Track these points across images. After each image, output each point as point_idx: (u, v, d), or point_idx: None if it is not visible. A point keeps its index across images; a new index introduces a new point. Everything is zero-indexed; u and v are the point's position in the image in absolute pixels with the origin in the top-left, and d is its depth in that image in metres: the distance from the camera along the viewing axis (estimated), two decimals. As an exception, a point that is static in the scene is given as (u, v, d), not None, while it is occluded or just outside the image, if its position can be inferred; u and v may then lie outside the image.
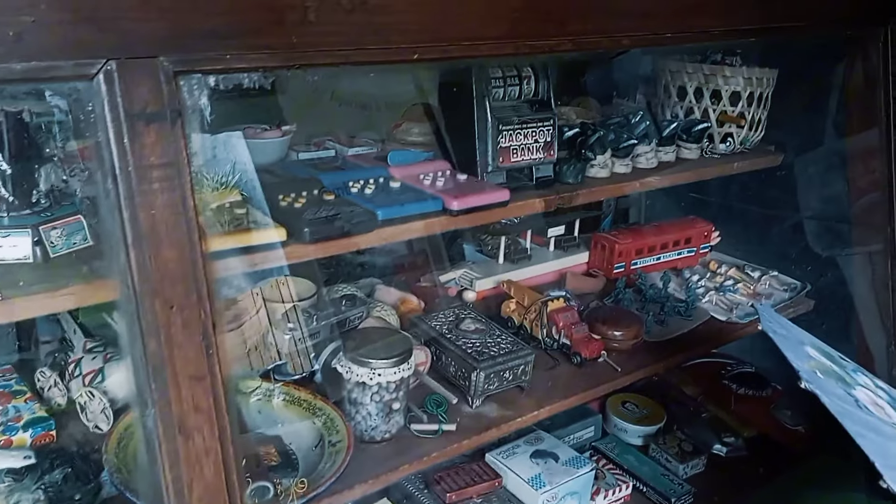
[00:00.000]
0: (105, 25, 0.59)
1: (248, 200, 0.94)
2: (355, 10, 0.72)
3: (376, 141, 1.28)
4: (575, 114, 1.48)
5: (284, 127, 1.17)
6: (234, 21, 0.65)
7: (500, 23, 0.83)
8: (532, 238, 1.53)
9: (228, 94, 0.69)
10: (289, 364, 1.09)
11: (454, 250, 1.56)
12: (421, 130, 1.26)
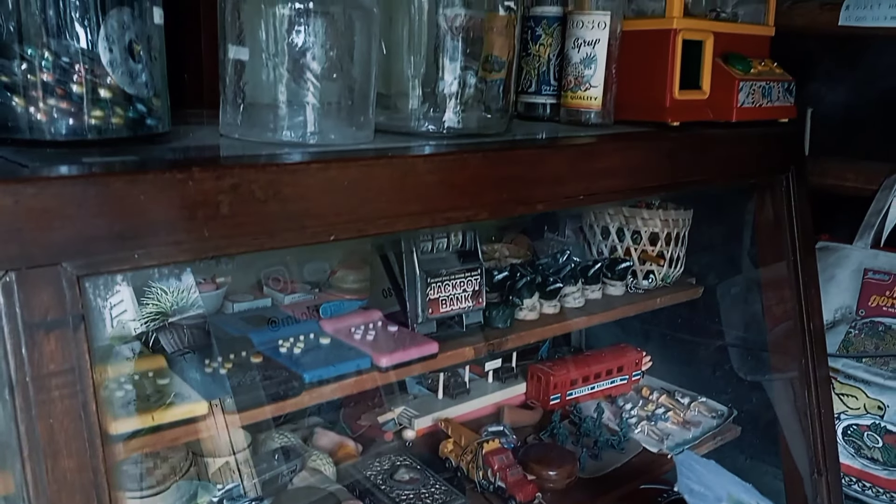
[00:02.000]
0: (3, 237, 0.56)
1: (172, 365, 0.90)
2: (269, 199, 0.71)
3: (314, 287, 1.26)
4: (508, 250, 1.49)
5: (219, 279, 1.14)
6: (141, 223, 0.63)
7: (415, 200, 0.82)
8: (471, 369, 1.50)
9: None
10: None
11: (397, 384, 1.52)
12: (356, 278, 1.25)
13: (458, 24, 1.05)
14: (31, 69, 0.72)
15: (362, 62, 0.92)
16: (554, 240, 1.57)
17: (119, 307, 0.83)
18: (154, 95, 0.78)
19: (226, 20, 0.90)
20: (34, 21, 0.72)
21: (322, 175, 0.75)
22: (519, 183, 0.93)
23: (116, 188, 0.62)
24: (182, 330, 0.98)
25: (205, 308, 1.11)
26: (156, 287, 0.89)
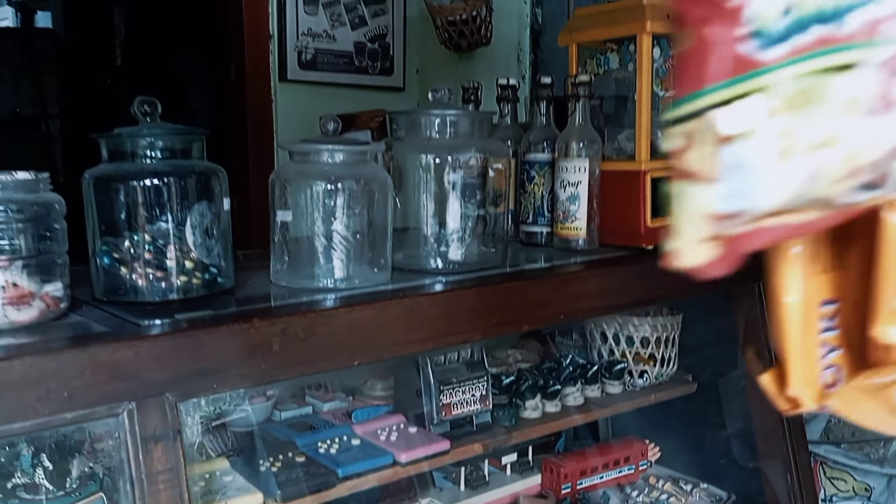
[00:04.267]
0: (128, 378, 0.85)
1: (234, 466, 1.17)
2: (308, 337, 0.99)
3: (348, 394, 1.52)
4: (519, 354, 1.74)
5: (269, 392, 1.42)
6: (217, 361, 0.91)
7: (421, 329, 1.09)
8: (490, 462, 1.73)
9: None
10: None
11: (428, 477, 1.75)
12: (383, 386, 1.51)
13: (463, 172, 1.34)
14: (135, 248, 1.03)
15: (380, 220, 1.21)
16: (563, 343, 1.81)
17: (195, 422, 1.11)
18: (223, 261, 1.08)
19: (275, 192, 1.21)
20: (138, 212, 1.03)
21: (348, 316, 1.03)
22: (507, 309, 1.20)
23: (200, 337, 0.91)
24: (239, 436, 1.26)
25: (257, 417, 1.38)
26: (222, 405, 1.17)
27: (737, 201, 0.42)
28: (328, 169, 1.17)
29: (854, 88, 0.43)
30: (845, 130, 0.44)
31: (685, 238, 0.44)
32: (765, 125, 0.41)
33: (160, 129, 1.03)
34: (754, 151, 0.40)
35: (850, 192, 0.45)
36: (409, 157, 1.34)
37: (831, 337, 0.63)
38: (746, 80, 0.40)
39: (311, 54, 2.62)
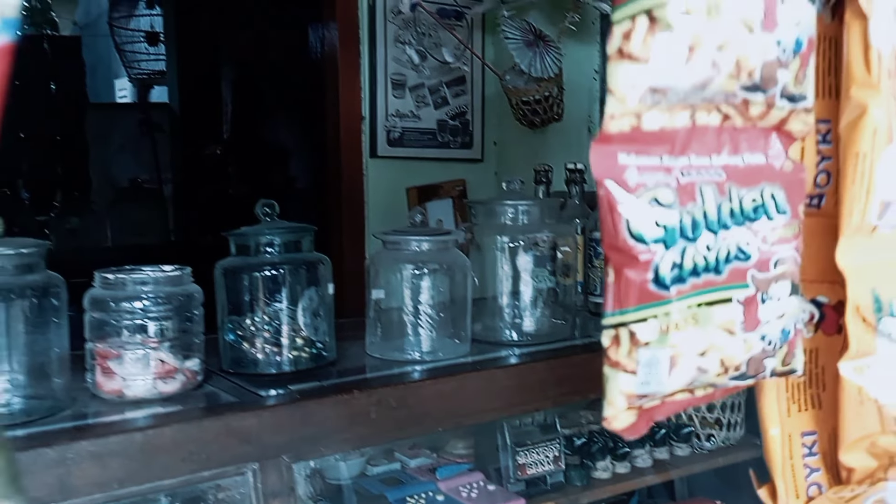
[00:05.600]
0: (252, 442, 1.00)
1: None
2: (399, 407, 1.12)
3: (433, 451, 1.65)
4: (591, 416, 1.83)
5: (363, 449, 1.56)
6: (323, 427, 1.06)
7: (496, 400, 1.21)
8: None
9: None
10: None
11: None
12: (465, 445, 1.62)
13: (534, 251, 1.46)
14: (256, 326, 1.19)
15: (461, 298, 1.35)
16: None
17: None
18: (327, 337, 1.23)
19: (370, 273, 1.37)
20: (259, 297, 1.20)
21: (433, 388, 1.16)
22: (576, 380, 1.30)
23: (310, 407, 1.06)
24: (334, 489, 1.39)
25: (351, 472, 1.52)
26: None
27: (648, 386, 0.58)
28: (416, 255, 1.32)
29: (728, 315, 0.64)
30: (722, 343, 0.64)
31: (614, 407, 0.60)
32: (666, 336, 0.59)
33: (278, 227, 1.20)
34: (659, 354, 0.56)
35: (726, 381, 0.66)
36: (486, 238, 1.48)
37: (813, 461, 0.77)
38: (653, 307, 0.59)
39: (398, 133, 2.82)
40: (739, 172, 0.65)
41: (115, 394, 1.03)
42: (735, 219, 0.65)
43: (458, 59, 2.73)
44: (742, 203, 0.65)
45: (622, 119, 0.58)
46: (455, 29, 2.78)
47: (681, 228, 0.61)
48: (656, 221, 0.60)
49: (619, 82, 0.57)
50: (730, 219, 0.64)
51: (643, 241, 0.59)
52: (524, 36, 2.49)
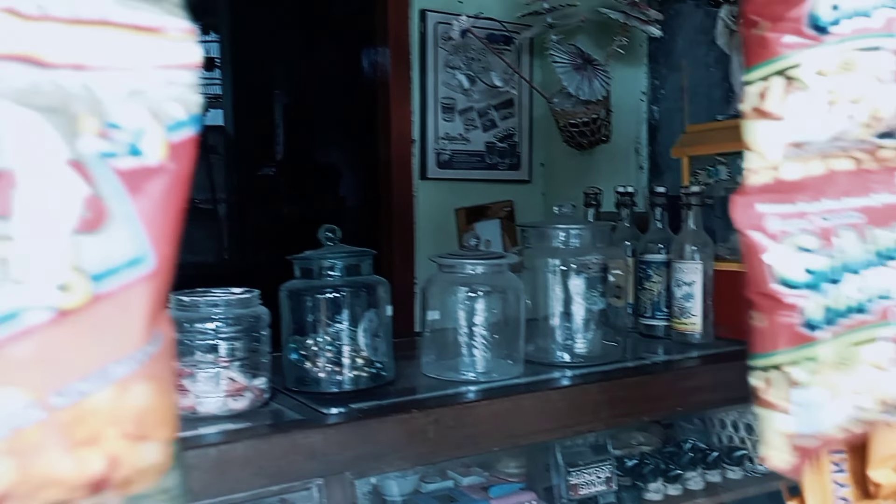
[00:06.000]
0: (318, 458, 1.04)
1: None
2: (456, 426, 1.15)
3: (484, 470, 1.67)
4: (642, 437, 1.83)
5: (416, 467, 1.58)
6: (383, 445, 1.09)
7: (551, 420, 1.23)
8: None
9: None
10: None
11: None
12: (517, 464, 1.64)
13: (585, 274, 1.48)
14: (318, 346, 1.24)
15: (514, 320, 1.37)
16: (683, 427, 1.88)
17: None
18: (385, 357, 1.27)
19: (426, 294, 1.40)
20: (321, 318, 1.24)
21: (488, 408, 1.19)
22: (628, 402, 1.31)
23: (371, 425, 1.09)
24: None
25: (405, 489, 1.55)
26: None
27: (805, 426, 0.61)
28: (470, 278, 1.36)
29: (878, 352, 0.66)
30: (874, 382, 0.65)
31: (770, 447, 0.63)
32: (817, 377, 0.62)
33: (340, 252, 1.24)
34: (814, 394, 0.59)
35: (885, 416, 0.68)
36: (538, 261, 1.50)
37: (841, 477, 0.79)
38: (804, 349, 0.62)
39: (448, 155, 2.87)
40: (876, 213, 0.68)
41: (188, 410, 1.08)
42: (876, 258, 0.67)
43: (507, 83, 2.77)
44: (882, 242, 0.68)
45: (763, 173, 0.62)
46: (503, 53, 2.82)
47: (825, 271, 0.64)
48: (801, 266, 0.63)
49: (758, 139, 0.61)
50: (871, 259, 0.67)
51: (790, 285, 0.62)
52: (572, 60, 2.52)
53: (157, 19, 0.33)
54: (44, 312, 0.31)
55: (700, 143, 1.62)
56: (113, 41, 0.32)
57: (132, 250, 0.33)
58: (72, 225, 0.31)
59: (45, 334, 0.31)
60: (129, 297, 0.33)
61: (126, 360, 0.33)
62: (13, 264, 0.30)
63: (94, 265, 0.32)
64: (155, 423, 0.35)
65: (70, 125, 0.31)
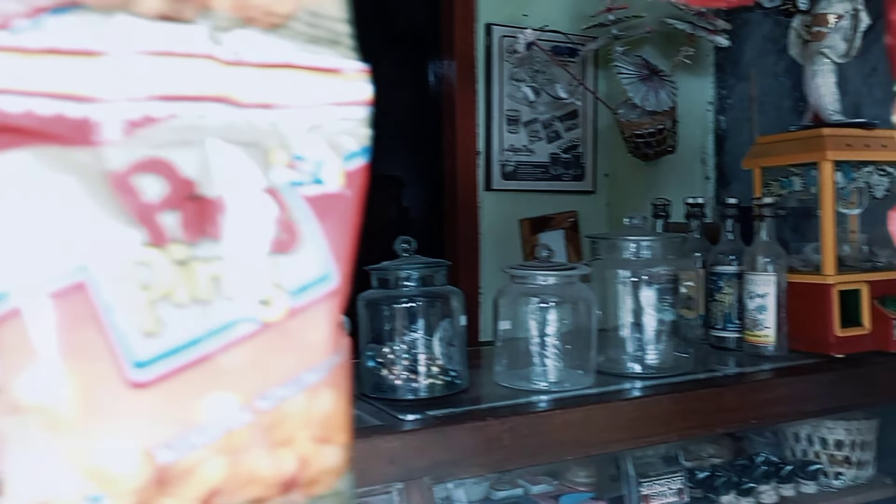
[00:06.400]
0: (397, 463, 1.06)
1: (464, 538, 1.35)
2: (530, 435, 1.17)
3: (553, 479, 1.67)
4: (713, 449, 1.80)
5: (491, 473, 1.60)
6: (458, 452, 1.11)
7: (623, 430, 1.23)
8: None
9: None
10: None
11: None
12: (586, 474, 1.64)
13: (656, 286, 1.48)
14: (394, 354, 1.27)
15: (585, 330, 1.38)
16: (755, 440, 1.85)
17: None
18: (459, 366, 1.29)
19: (497, 304, 1.42)
20: (397, 327, 1.27)
21: (562, 417, 1.20)
22: (701, 414, 1.31)
23: (448, 432, 1.11)
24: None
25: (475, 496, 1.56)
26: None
27: None
28: (542, 289, 1.37)
29: None
30: None
31: None
32: None
33: (415, 263, 1.27)
34: None
35: None
36: (608, 272, 1.51)
37: None
38: None
39: (512, 167, 2.89)
40: None
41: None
42: None
43: (572, 95, 2.77)
44: None
45: None
46: (568, 65, 2.83)
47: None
48: None
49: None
50: None
51: None
52: (638, 71, 2.51)
53: (335, 62, 0.36)
54: (250, 325, 0.34)
55: (772, 153, 1.60)
56: (296, 82, 0.35)
57: (320, 269, 0.36)
58: (271, 246, 0.34)
59: (252, 344, 0.34)
60: (317, 312, 0.36)
61: (316, 369, 0.36)
62: (224, 282, 0.33)
63: (290, 282, 0.35)
64: (337, 427, 0.38)
65: (264, 157, 0.34)
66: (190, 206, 0.32)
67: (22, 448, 0.30)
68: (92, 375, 0.30)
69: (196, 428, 0.33)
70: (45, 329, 0.30)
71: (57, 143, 0.30)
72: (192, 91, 0.33)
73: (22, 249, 0.30)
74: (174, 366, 0.32)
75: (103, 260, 0.30)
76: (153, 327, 0.31)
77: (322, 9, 0.36)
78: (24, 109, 0.30)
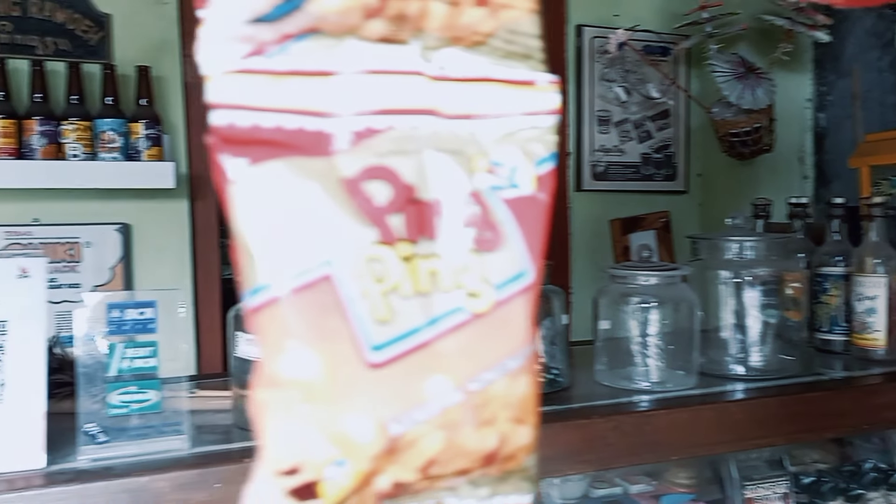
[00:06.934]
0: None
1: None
2: (635, 434, 1.17)
3: (653, 479, 1.66)
4: (817, 454, 1.75)
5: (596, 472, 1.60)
6: (565, 449, 1.12)
7: (728, 432, 1.22)
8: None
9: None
10: None
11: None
12: (686, 475, 1.62)
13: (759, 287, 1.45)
14: (498, 352, 1.29)
15: (687, 331, 1.37)
16: (862, 445, 1.78)
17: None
18: (561, 364, 1.31)
19: (596, 304, 1.42)
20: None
21: (667, 417, 1.19)
22: (809, 417, 1.27)
23: (555, 428, 1.13)
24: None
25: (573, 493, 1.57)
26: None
27: None
28: (643, 289, 1.36)
29: None
30: None
31: None
32: None
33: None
34: None
35: None
36: (709, 273, 1.48)
37: None
38: None
39: (602, 167, 2.87)
40: None
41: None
42: None
43: (664, 94, 2.73)
44: None
45: None
46: (660, 64, 2.78)
47: None
48: None
49: None
50: None
51: None
52: (734, 69, 2.45)
53: (528, 74, 0.39)
54: (462, 315, 0.38)
55: (881, 151, 1.54)
56: (492, 94, 0.38)
57: (519, 265, 0.39)
58: (478, 245, 0.38)
59: (464, 332, 0.38)
60: (517, 304, 0.39)
61: (517, 356, 0.39)
62: (440, 277, 0.37)
63: (495, 277, 0.38)
64: (530, 409, 0.41)
65: (467, 164, 0.38)
66: (411, 209, 0.36)
67: (280, 417, 0.34)
68: (337, 356, 0.34)
69: (419, 405, 0.36)
70: (299, 315, 0.34)
71: (300, 154, 0.34)
72: (405, 105, 0.36)
73: (280, 246, 0.34)
74: (401, 350, 0.36)
75: (344, 256, 0.34)
76: (386, 315, 0.35)
77: (520, 27, 0.39)
78: (275, 125, 0.34)
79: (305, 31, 0.34)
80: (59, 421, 0.97)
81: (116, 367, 0.98)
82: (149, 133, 2.19)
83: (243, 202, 0.33)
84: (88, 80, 2.24)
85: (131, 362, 0.99)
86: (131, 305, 1.00)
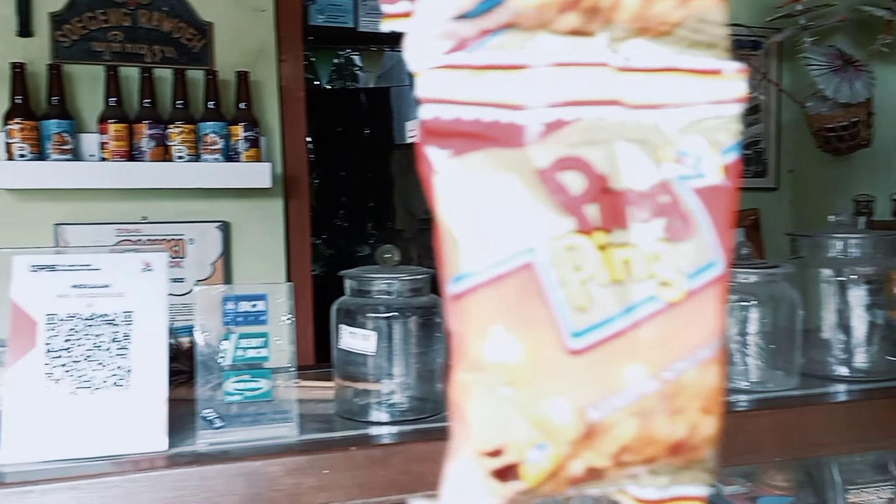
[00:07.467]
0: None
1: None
2: (736, 434, 1.13)
3: (747, 480, 1.61)
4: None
5: (678, 471, 1.57)
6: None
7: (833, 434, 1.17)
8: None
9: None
10: None
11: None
12: (783, 478, 1.56)
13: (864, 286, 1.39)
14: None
15: (788, 330, 1.32)
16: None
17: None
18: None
19: (692, 303, 1.39)
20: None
21: (769, 418, 1.15)
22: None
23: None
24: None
25: (667, 490, 1.53)
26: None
27: None
28: (742, 287, 1.32)
29: None
30: None
31: None
32: None
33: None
34: None
35: None
36: (810, 271, 1.43)
37: None
38: None
39: (689, 164, 2.79)
40: None
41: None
42: None
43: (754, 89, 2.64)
44: None
45: None
46: (750, 59, 2.69)
47: None
48: None
49: None
50: None
51: None
52: (830, 62, 2.34)
53: (715, 63, 0.39)
54: (657, 304, 0.38)
55: None
56: (677, 84, 0.39)
57: (709, 255, 0.39)
58: (669, 234, 0.38)
59: (658, 321, 0.38)
60: (709, 295, 0.39)
61: (708, 346, 0.39)
62: (633, 266, 0.37)
63: (687, 266, 0.38)
64: (717, 401, 0.41)
65: (654, 153, 0.38)
66: (605, 199, 0.36)
67: (484, 399, 0.35)
68: (539, 341, 0.35)
69: (617, 392, 0.37)
70: (502, 301, 0.35)
71: (496, 145, 0.35)
72: (592, 96, 0.37)
73: (483, 235, 0.35)
74: (599, 338, 0.37)
75: (545, 244, 0.35)
76: (584, 303, 0.36)
77: (709, 15, 0.39)
78: (474, 117, 0.35)
79: (502, 26, 0.35)
80: (175, 407, 1.01)
81: (231, 356, 1.02)
82: (247, 135, 2.27)
83: (447, 192, 0.34)
84: (192, 86, 2.33)
85: (244, 352, 1.03)
86: (245, 298, 1.03)
